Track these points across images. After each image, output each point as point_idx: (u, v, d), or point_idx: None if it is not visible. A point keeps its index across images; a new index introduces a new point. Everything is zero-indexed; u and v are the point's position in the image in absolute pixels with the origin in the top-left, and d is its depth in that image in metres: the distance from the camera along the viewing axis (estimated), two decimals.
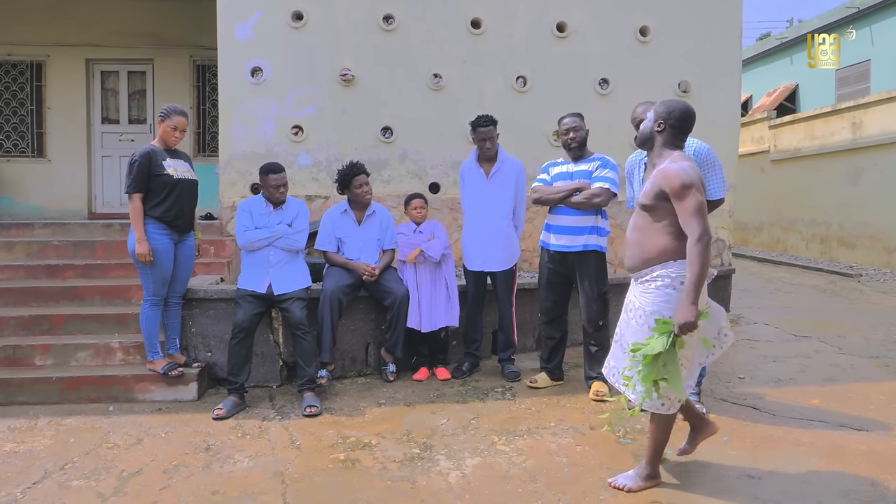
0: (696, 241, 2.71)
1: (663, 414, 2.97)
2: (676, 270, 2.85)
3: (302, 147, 6.17)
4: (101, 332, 4.67)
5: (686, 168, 2.81)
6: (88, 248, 5.67)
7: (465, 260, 4.79)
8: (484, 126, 4.62)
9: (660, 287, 2.87)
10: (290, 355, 4.65)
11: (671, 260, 2.87)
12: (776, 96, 16.27)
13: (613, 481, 3.05)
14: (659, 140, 2.99)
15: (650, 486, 3.02)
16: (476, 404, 4.25)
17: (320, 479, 3.16)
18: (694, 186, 2.76)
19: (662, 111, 2.98)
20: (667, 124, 2.96)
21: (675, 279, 2.85)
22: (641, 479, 3.02)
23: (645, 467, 3.05)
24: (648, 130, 3.03)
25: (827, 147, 11.90)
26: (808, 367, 5.10)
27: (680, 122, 2.96)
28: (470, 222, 4.76)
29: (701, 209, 2.75)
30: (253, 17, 6.05)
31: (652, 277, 2.91)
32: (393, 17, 6.18)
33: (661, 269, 2.89)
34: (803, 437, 3.65)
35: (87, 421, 3.94)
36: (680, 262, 2.85)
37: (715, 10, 6.71)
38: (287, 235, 4.33)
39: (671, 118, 2.95)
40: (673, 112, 2.95)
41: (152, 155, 4.12)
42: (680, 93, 6.61)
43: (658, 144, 2.99)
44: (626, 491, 2.98)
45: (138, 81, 8.68)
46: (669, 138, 2.97)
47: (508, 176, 4.71)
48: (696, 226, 2.72)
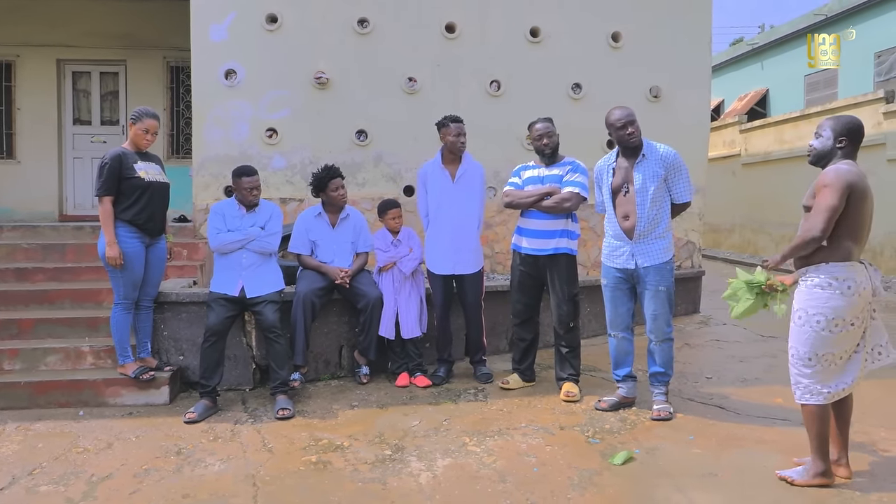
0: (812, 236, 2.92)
1: (812, 405, 3.03)
2: (825, 271, 2.97)
3: (276, 150, 6.16)
4: (72, 336, 4.63)
5: (839, 168, 2.94)
6: (59, 251, 5.61)
7: (432, 265, 4.78)
8: (458, 121, 4.67)
9: (809, 287, 3.00)
10: (262, 358, 4.65)
11: (823, 262, 2.98)
12: (747, 101, 16.55)
13: (781, 472, 3.12)
14: (836, 157, 3.04)
15: (819, 484, 3.03)
16: (448, 406, 4.29)
17: (292, 481, 3.18)
18: (831, 186, 2.88)
19: (839, 128, 3.03)
20: (848, 141, 3.02)
21: (823, 278, 2.96)
22: (810, 475, 3.06)
23: (813, 463, 3.07)
24: (827, 149, 3.06)
25: (796, 151, 12.11)
26: (774, 366, 5.21)
27: (855, 137, 3.04)
28: (437, 226, 4.75)
29: (829, 209, 2.88)
30: (227, 18, 6.03)
31: (807, 276, 3.03)
32: (368, 21, 6.21)
33: (813, 270, 3.00)
34: (766, 435, 3.74)
35: (56, 425, 3.91)
36: (832, 265, 2.96)
37: (685, 17, 6.83)
38: (260, 238, 4.34)
39: (849, 134, 3.02)
40: (848, 127, 3.02)
41: (123, 157, 4.11)
42: (651, 98, 6.72)
43: (835, 161, 3.04)
44: (791, 483, 3.05)
45: (111, 82, 8.60)
46: (845, 154, 3.03)
47: (474, 178, 4.77)
48: (817, 223, 2.89)
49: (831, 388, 3.02)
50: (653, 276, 3.96)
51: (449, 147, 4.70)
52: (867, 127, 6.29)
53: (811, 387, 3.02)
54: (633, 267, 4.00)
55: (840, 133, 3.02)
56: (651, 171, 3.96)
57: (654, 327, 4.02)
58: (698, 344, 5.85)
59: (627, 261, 4.02)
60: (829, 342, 2.98)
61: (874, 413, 4.10)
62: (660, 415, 3.98)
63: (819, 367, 3.01)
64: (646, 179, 3.95)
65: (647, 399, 4.20)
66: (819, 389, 3.01)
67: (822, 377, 3.02)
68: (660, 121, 6.39)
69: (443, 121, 4.70)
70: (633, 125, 3.96)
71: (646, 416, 4.02)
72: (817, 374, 3.01)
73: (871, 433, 3.76)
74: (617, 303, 4.15)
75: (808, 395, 3.04)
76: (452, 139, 4.66)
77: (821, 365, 3.00)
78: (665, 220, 4.03)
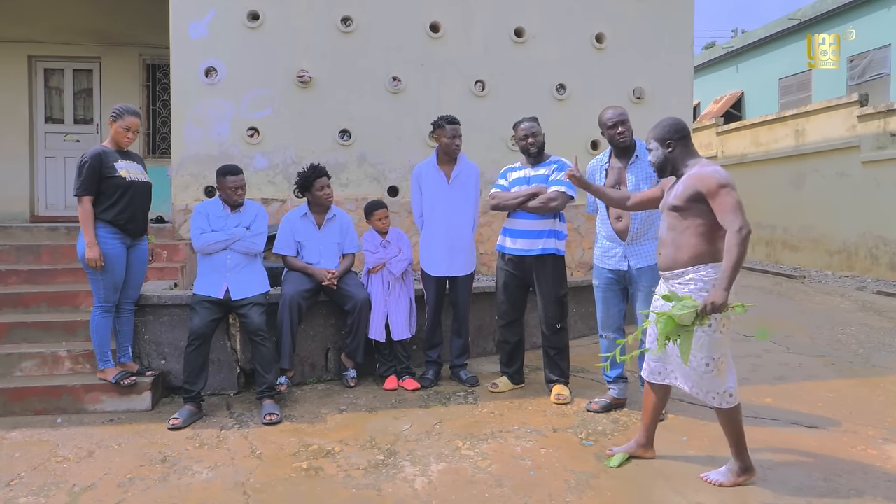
0: (737, 231, 2.83)
1: (725, 409, 3.05)
2: (709, 273, 2.97)
3: (258, 149, 6.06)
4: (48, 341, 4.48)
5: (719, 170, 2.99)
6: (33, 253, 5.43)
7: (427, 266, 4.72)
8: (454, 123, 4.61)
9: (693, 291, 2.97)
10: (247, 362, 4.55)
11: (703, 263, 2.99)
12: (723, 103, 16.76)
13: (706, 476, 3.13)
14: (676, 159, 3.13)
15: (745, 481, 3.07)
16: (439, 409, 4.23)
17: (283, 488, 3.09)
18: (730, 185, 2.92)
19: (661, 134, 3.13)
20: (674, 142, 3.11)
21: (707, 282, 2.96)
22: (734, 474, 3.09)
23: (735, 462, 3.11)
24: (662, 158, 3.15)
25: (772, 153, 12.32)
26: (759, 366, 5.25)
27: (678, 134, 3.12)
28: (432, 227, 4.69)
29: (738, 205, 2.89)
30: (207, 15, 5.91)
31: (685, 280, 3.02)
32: (351, 19, 6.13)
33: (693, 272, 3.00)
34: (757, 435, 3.73)
35: (33, 434, 3.77)
36: (712, 266, 2.97)
37: (668, 19, 6.87)
38: (245, 238, 4.24)
39: (673, 135, 3.11)
40: (669, 129, 3.12)
41: (104, 156, 3.98)
42: (634, 99, 6.74)
43: (678, 162, 3.13)
44: (719, 486, 3.06)
45: (84, 80, 8.38)
46: (682, 151, 3.12)
47: (469, 180, 4.71)
48: (736, 219, 2.86)
49: (730, 388, 3.05)
50: (646, 278, 3.94)
51: (444, 148, 4.64)
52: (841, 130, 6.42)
53: (715, 391, 3.03)
54: (626, 268, 3.98)
55: (662, 139, 3.13)
56: (644, 173, 3.94)
57: None
58: None
59: (620, 262, 4.00)
60: (722, 343, 3.02)
61: (861, 412, 4.15)
62: None
63: (715, 371, 3.02)
64: (639, 181, 3.94)
65: (638, 400, 4.18)
66: (722, 393, 3.03)
67: (721, 379, 3.03)
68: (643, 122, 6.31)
69: (438, 122, 4.64)
70: (624, 125, 3.95)
71: (637, 418, 4.00)
72: (716, 378, 3.02)
73: (859, 432, 3.80)
74: (609, 304, 4.13)
75: (725, 401, 3.04)
76: (447, 141, 4.61)
77: (717, 369, 3.03)
78: (657, 221, 4.02)
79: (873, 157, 9.97)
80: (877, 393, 4.58)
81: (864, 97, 10.43)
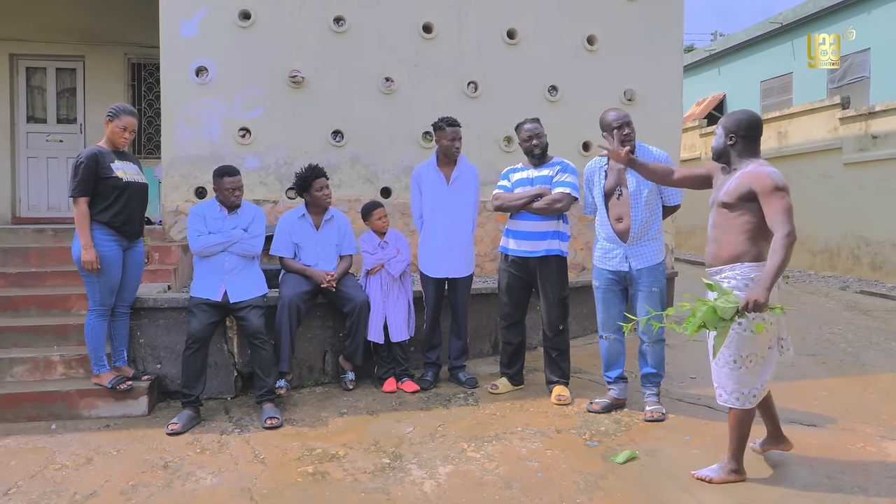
0: (785, 236, 2.83)
1: (739, 409, 3.05)
2: (743, 273, 2.97)
3: (249, 150, 5.99)
4: (39, 345, 4.38)
5: (776, 172, 2.96)
6: (20, 256, 5.30)
7: (426, 267, 4.69)
8: (455, 125, 4.59)
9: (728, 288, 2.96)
10: (244, 365, 4.49)
11: (740, 262, 2.99)
12: (705, 105, 16.95)
13: (697, 473, 3.13)
14: (734, 153, 3.10)
15: (734, 480, 3.09)
16: (440, 411, 4.21)
17: (291, 493, 3.05)
18: (785, 189, 2.92)
19: (731, 124, 3.08)
20: (738, 136, 3.07)
21: (740, 280, 2.97)
22: (725, 472, 3.10)
23: (729, 462, 3.12)
24: (721, 147, 3.12)
25: None
26: None
27: (749, 132, 3.07)
28: (432, 229, 4.67)
29: (789, 210, 2.88)
30: (198, 14, 5.83)
31: (720, 278, 3.03)
32: (344, 19, 6.09)
33: (729, 270, 3.01)
34: (758, 433, 3.75)
35: (28, 441, 3.68)
36: (748, 265, 2.97)
37: (658, 21, 6.91)
38: (243, 240, 4.18)
39: (741, 129, 3.06)
40: (741, 123, 3.06)
41: (100, 156, 3.90)
42: (626, 100, 6.78)
43: (734, 156, 3.10)
44: (709, 482, 3.07)
45: (68, 79, 8.22)
46: (744, 148, 3.08)
47: (469, 181, 4.70)
48: (786, 224, 2.85)
49: (755, 389, 3.05)
50: (646, 278, 3.96)
51: (444, 150, 4.62)
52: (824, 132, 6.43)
53: (739, 390, 3.04)
54: (627, 269, 3.99)
55: (729, 130, 3.10)
56: None
57: (647, 328, 4.02)
58: (678, 344, 5.90)
59: (621, 263, 4.01)
60: (751, 342, 3.01)
61: (856, 410, 4.21)
62: (653, 416, 3.99)
63: (744, 370, 3.03)
64: (640, 182, 3.96)
65: (637, 400, 4.21)
66: (746, 393, 3.04)
67: (749, 379, 3.04)
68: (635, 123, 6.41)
69: (439, 123, 4.62)
70: (629, 126, 3.97)
71: (639, 418, 4.02)
72: (744, 377, 3.04)
73: (857, 429, 3.84)
74: (609, 304, 4.14)
75: (736, 399, 3.05)
76: (447, 143, 4.59)
77: (745, 367, 3.03)
78: (657, 222, 4.05)
79: (855, 159, 10.14)
80: (869, 391, 4.65)
81: (845, 100, 10.59)
